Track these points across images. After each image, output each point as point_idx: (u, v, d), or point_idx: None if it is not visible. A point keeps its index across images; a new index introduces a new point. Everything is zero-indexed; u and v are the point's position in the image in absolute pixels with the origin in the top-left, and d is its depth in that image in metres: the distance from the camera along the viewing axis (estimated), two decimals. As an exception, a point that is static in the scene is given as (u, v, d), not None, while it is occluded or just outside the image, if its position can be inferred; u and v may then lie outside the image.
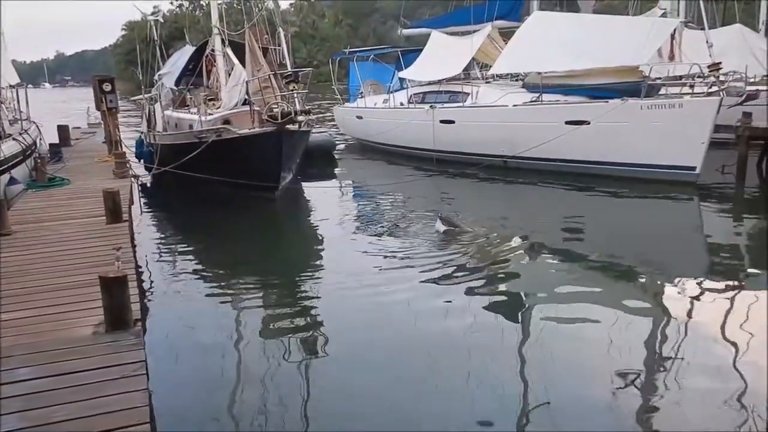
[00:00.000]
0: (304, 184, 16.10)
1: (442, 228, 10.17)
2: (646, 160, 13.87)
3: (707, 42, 13.03)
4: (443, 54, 19.32)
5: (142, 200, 14.05)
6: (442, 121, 17.54)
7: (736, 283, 8.03)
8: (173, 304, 7.84)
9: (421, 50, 20.57)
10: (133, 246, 8.98)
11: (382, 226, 11.20)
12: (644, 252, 9.34)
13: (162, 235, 11.81)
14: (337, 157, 21.00)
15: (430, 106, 17.89)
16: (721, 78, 13.22)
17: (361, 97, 21.88)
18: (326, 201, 14.40)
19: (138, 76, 21.33)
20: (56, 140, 18.09)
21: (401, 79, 20.60)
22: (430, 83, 19.09)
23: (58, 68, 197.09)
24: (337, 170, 19.18)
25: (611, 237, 10.36)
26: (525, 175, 15.49)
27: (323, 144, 20.28)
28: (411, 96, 19.39)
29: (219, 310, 7.60)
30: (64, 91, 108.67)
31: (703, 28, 13.89)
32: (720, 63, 13.02)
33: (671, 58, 15.50)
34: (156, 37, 20.38)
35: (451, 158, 17.50)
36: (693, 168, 13.34)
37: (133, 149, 17.22)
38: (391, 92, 20.64)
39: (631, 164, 14.12)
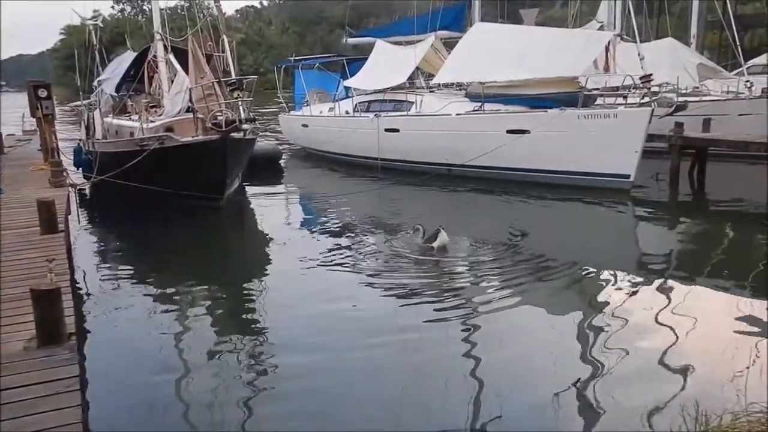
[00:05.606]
0: (249, 192, 15.98)
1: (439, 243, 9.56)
2: (583, 168, 14.32)
3: (639, 54, 13.57)
4: (388, 63, 19.54)
5: (81, 210, 13.65)
6: (386, 130, 17.72)
7: (667, 284, 8.36)
8: (111, 317, 7.61)
9: (366, 59, 20.72)
10: (70, 257, 8.72)
11: (328, 236, 11.23)
12: (582, 257, 9.62)
13: (101, 246, 11.53)
14: (283, 165, 20.91)
15: (375, 115, 18.03)
16: (653, 89, 13.80)
17: (307, 105, 21.87)
18: (272, 210, 14.33)
19: (77, 81, 20.79)
20: (-12, 148, 17.45)
21: (346, 88, 20.69)
22: (375, 92, 19.22)
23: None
24: (282, 179, 19.09)
25: (550, 243, 10.60)
26: (468, 182, 15.77)
27: (269, 152, 20.14)
28: (356, 104, 19.48)
29: (159, 323, 7.45)
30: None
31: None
32: (651, 75, 13.57)
33: (606, 69, 16.05)
34: (96, 43, 19.91)
35: (396, 166, 17.68)
36: (627, 176, 13.83)
37: (71, 157, 16.75)
38: (337, 101, 20.71)
39: (568, 172, 14.55)
